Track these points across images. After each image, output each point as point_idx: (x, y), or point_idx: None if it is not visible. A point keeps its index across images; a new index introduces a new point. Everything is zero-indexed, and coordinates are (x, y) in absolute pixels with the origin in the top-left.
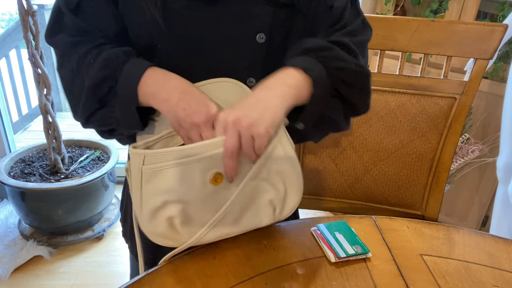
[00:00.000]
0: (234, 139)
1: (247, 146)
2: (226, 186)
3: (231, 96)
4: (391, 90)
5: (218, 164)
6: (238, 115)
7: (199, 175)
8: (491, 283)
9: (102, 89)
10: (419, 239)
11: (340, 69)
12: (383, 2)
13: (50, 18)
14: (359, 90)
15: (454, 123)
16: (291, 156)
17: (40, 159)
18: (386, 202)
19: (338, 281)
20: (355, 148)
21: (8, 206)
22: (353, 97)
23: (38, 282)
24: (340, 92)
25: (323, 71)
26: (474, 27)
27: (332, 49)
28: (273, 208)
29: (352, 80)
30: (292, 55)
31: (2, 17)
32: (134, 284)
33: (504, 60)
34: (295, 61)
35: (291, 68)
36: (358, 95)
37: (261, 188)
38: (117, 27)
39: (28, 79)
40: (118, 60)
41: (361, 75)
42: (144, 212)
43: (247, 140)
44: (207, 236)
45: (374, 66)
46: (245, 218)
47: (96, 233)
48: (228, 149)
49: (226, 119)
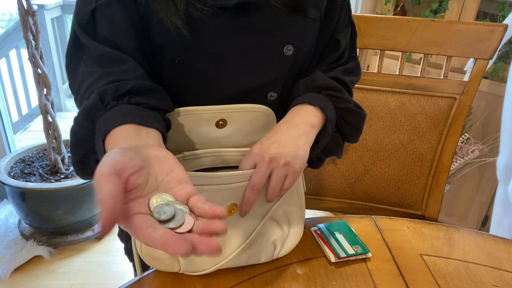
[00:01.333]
0: (266, 176)
1: (277, 183)
2: (235, 219)
3: (260, 124)
4: (391, 90)
5: (237, 196)
6: (274, 153)
7: (218, 204)
8: (491, 283)
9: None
10: (419, 239)
11: (345, 110)
12: (383, 2)
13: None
14: (355, 128)
15: (454, 123)
16: (301, 198)
17: (40, 159)
18: (386, 202)
19: (338, 281)
20: (355, 148)
21: (8, 206)
22: (347, 133)
23: (38, 282)
24: (340, 129)
25: (334, 111)
26: (474, 27)
27: (341, 91)
28: (274, 247)
29: (351, 119)
30: (303, 89)
31: (2, 17)
32: (134, 284)
33: (504, 60)
34: (312, 99)
35: (311, 106)
36: (353, 131)
37: (270, 226)
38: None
39: (28, 79)
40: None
41: (360, 116)
42: None
43: (280, 178)
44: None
45: (374, 66)
46: (247, 254)
47: (96, 233)
48: (256, 185)
49: (262, 155)
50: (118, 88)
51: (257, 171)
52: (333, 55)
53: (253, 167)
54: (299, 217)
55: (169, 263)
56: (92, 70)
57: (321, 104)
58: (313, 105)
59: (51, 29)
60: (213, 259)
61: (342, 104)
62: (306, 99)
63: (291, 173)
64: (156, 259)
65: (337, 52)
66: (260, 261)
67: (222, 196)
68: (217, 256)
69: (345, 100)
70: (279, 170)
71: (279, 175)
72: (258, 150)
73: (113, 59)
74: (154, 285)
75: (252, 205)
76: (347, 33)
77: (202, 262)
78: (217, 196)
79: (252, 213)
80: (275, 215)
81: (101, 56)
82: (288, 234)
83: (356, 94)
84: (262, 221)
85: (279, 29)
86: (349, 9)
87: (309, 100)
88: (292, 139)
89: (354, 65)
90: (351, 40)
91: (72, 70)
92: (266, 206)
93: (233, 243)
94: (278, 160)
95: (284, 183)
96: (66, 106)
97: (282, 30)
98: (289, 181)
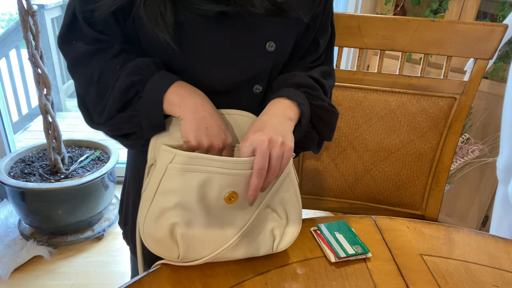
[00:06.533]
0: (267, 157)
1: (277, 162)
2: (235, 207)
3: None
4: (391, 90)
5: (237, 184)
6: (271, 134)
7: (217, 189)
8: (491, 283)
9: (129, 92)
10: (419, 239)
11: (319, 107)
12: (383, 2)
13: (65, 23)
14: (329, 125)
15: (454, 123)
16: (295, 185)
17: (40, 159)
18: (386, 202)
19: (338, 281)
20: (355, 148)
21: (8, 206)
22: (321, 130)
23: (38, 282)
24: (314, 125)
25: (308, 106)
26: (474, 27)
27: (318, 89)
28: (273, 238)
29: (325, 116)
30: (282, 85)
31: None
32: (134, 284)
33: (504, 60)
34: (290, 94)
35: (288, 100)
36: (327, 129)
37: (266, 215)
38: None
39: (28, 79)
40: (149, 69)
41: (333, 114)
42: (152, 211)
43: (278, 156)
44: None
45: (374, 66)
46: (245, 245)
47: (96, 233)
48: (262, 168)
49: (260, 138)
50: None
51: (259, 154)
52: (313, 55)
53: (253, 153)
54: (295, 205)
55: (169, 246)
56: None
57: (298, 99)
58: (291, 99)
59: (51, 29)
60: (212, 246)
61: (317, 101)
62: (285, 93)
63: (286, 150)
64: (156, 240)
65: (316, 53)
66: (259, 253)
67: (225, 181)
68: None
69: (320, 98)
70: (277, 150)
71: (277, 153)
72: (253, 136)
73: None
74: (154, 285)
75: (259, 190)
76: (327, 35)
77: (200, 249)
78: (220, 179)
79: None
80: (271, 203)
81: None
82: (286, 223)
83: (356, 94)
84: (258, 208)
85: (261, 27)
86: (332, 12)
87: (287, 94)
88: (278, 123)
89: (330, 69)
90: (329, 43)
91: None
92: (261, 194)
93: (231, 231)
94: (276, 139)
95: (282, 162)
96: (66, 106)
97: (264, 28)
98: (285, 159)
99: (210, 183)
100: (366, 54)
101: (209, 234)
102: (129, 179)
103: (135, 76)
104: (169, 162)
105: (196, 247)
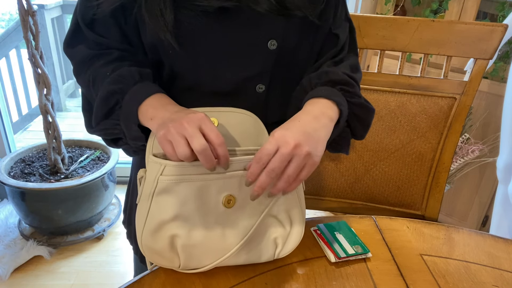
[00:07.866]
0: (286, 161)
1: (294, 172)
2: (235, 211)
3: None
4: (391, 90)
5: (232, 187)
6: (300, 140)
7: (214, 195)
8: (491, 283)
9: (110, 100)
10: (419, 239)
11: (357, 105)
12: (383, 2)
13: (70, 29)
14: (364, 123)
15: (454, 123)
16: (301, 198)
17: (40, 159)
18: (386, 202)
19: (338, 281)
20: (355, 148)
21: (8, 206)
22: (356, 128)
23: (38, 282)
24: (349, 123)
25: (347, 106)
26: (474, 27)
27: (354, 86)
28: (275, 246)
29: (362, 114)
30: (316, 82)
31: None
32: (134, 284)
33: (504, 60)
34: (328, 93)
35: (328, 100)
36: (362, 127)
37: (269, 224)
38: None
39: (28, 79)
40: (132, 79)
41: (369, 111)
42: (148, 225)
43: (298, 166)
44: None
45: (374, 66)
46: (247, 250)
47: (96, 233)
48: (275, 169)
49: (286, 140)
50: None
51: (278, 155)
52: (333, 50)
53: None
54: (300, 216)
55: (169, 257)
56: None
57: (337, 98)
58: (330, 99)
59: (51, 29)
60: (213, 255)
61: (354, 99)
62: (323, 93)
63: (309, 164)
64: (156, 252)
65: (336, 47)
66: (260, 260)
67: (221, 185)
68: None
69: (357, 95)
70: (299, 159)
71: (298, 163)
72: (281, 134)
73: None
74: (154, 285)
75: (265, 190)
76: (345, 28)
77: (202, 257)
78: (215, 184)
79: (251, 210)
80: (276, 213)
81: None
82: (290, 232)
83: None
84: (261, 217)
85: (262, 25)
86: (345, 6)
87: (325, 94)
88: (315, 130)
89: (356, 62)
90: (350, 35)
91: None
92: (264, 203)
93: (233, 239)
94: (302, 148)
95: (300, 173)
96: (66, 106)
97: (265, 26)
98: (305, 172)
99: (206, 189)
100: (366, 54)
101: (210, 241)
102: (134, 178)
103: (116, 84)
104: (160, 174)
105: (197, 256)
